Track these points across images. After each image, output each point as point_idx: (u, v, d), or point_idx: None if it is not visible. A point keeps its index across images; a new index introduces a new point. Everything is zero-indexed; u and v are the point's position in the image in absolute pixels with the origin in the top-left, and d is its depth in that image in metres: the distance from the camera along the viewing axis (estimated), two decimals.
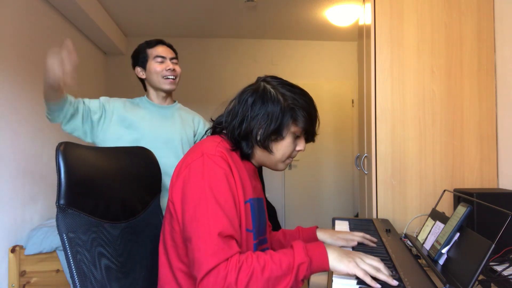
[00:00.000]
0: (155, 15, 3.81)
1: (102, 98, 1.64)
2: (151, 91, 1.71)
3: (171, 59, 1.68)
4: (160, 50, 1.67)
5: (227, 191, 0.87)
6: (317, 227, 1.25)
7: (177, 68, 1.70)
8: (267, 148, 0.97)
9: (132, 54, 1.72)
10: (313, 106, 1.00)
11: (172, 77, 1.66)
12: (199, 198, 0.84)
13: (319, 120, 1.03)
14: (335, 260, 0.85)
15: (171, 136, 1.65)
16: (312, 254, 0.84)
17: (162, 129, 1.65)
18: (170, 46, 1.73)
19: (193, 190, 0.85)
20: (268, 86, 0.98)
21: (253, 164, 1.05)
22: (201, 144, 0.95)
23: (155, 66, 1.65)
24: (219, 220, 0.82)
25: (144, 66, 1.68)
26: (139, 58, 1.69)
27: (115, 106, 1.63)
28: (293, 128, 0.97)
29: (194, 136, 1.75)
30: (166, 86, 1.66)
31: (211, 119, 1.10)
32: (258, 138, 0.96)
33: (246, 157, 1.01)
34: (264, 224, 1.08)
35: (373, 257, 0.90)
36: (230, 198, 0.87)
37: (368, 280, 0.82)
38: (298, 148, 1.02)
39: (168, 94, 1.73)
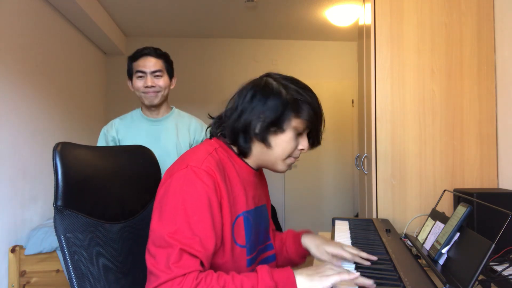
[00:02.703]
0: (155, 15, 3.81)
1: (102, 135, 1.66)
2: (143, 105, 1.68)
3: (152, 72, 1.59)
4: (141, 64, 1.59)
5: (205, 210, 0.81)
6: (303, 232, 1.14)
7: (160, 82, 1.60)
8: (265, 141, 0.91)
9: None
10: (317, 102, 0.95)
11: (152, 92, 1.60)
12: (171, 212, 0.79)
13: (324, 120, 0.98)
14: (306, 281, 0.77)
15: (167, 150, 1.63)
16: (278, 279, 0.77)
17: (157, 144, 1.61)
18: (157, 55, 1.62)
19: (169, 202, 0.81)
20: (270, 79, 0.94)
21: (251, 168, 0.99)
22: (192, 153, 0.91)
23: (136, 82, 1.61)
24: (185, 238, 0.77)
25: (131, 80, 1.64)
26: (128, 71, 1.65)
27: (113, 136, 1.65)
28: (294, 122, 0.91)
29: (190, 146, 1.69)
30: (146, 100, 1.62)
31: (209, 115, 1.05)
32: (257, 130, 0.90)
33: (243, 153, 0.95)
34: (265, 232, 1.05)
35: (342, 266, 0.85)
36: (207, 218, 0.81)
37: (346, 277, 0.78)
38: (300, 146, 0.95)
39: (158, 106, 1.67)
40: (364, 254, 1.02)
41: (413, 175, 1.74)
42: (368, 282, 0.80)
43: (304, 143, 0.96)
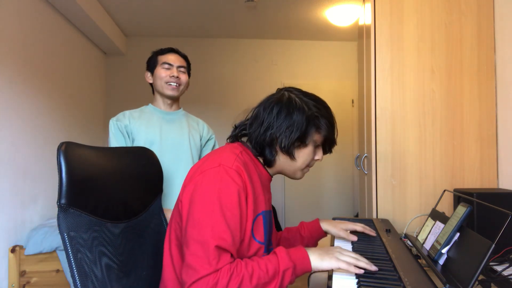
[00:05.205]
0: (155, 15, 3.81)
1: (114, 126, 1.63)
2: (158, 97, 1.74)
3: (178, 67, 1.70)
4: (170, 57, 1.70)
5: (236, 206, 0.88)
6: (318, 219, 1.29)
7: (183, 77, 1.71)
8: (290, 155, 1.00)
9: (147, 60, 1.76)
10: (332, 115, 1.04)
11: (175, 84, 1.68)
12: (207, 207, 0.86)
13: (337, 130, 1.07)
14: (317, 260, 0.91)
15: (180, 140, 1.68)
16: (295, 259, 0.89)
17: (171, 133, 1.67)
18: (183, 56, 1.76)
19: (203, 197, 0.87)
20: (293, 96, 1.02)
21: (269, 174, 1.07)
22: (221, 153, 0.96)
23: (160, 72, 1.68)
24: (221, 233, 0.84)
25: (152, 71, 1.72)
26: (150, 64, 1.73)
27: (125, 124, 1.64)
28: (315, 136, 1.01)
29: (200, 139, 1.77)
30: (168, 91, 1.68)
31: (235, 125, 1.11)
32: (283, 145, 0.98)
33: (268, 163, 1.04)
34: (271, 234, 1.11)
35: (350, 251, 0.96)
36: (237, 214, 0.88)
37: (352, 269, 0.90)
38: (316, 157, 1.06)
39: (174, 100, 1.75)
40: (368, 228, 1.26)
41: (413, 175, 1.75)
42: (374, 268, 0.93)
43: (320, 154, 1.07)
